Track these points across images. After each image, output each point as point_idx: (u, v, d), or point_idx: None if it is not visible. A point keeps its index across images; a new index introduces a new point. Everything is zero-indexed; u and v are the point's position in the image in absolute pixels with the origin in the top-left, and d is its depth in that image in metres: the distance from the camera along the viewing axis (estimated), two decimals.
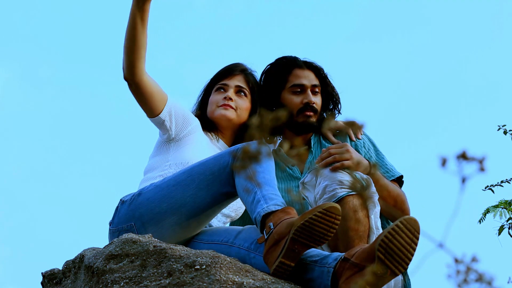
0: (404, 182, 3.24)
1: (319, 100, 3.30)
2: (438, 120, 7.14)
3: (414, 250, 2.36)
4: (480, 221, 3.21)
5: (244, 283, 2.30)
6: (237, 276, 2.34)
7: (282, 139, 3.34)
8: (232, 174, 2.68)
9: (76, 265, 2.64)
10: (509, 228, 3.15)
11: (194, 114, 3.28)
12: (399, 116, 7.21)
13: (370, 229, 2.72)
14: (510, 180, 3.21)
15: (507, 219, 3.16)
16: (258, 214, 2.52)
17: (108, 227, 2.88)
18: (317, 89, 3.30)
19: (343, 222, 2.57)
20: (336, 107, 3.35)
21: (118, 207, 2.86)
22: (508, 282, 2.39)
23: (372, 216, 2.73)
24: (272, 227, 2.46)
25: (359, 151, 3.23)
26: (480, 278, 1.27)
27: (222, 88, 3.25)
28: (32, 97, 8.10)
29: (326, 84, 3.34)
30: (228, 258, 2.40)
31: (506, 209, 3.17)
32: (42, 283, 2.75)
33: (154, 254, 2.43)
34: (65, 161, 7.73)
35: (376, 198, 2.78)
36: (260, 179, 2.61)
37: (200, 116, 3.26)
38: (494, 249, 3.18)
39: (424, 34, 7.79)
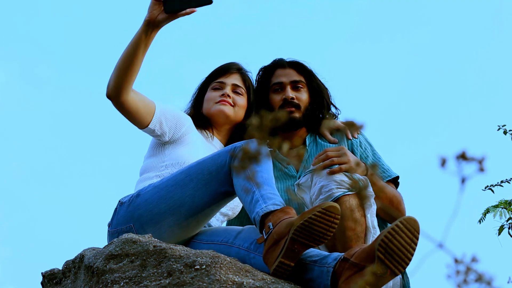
0: (400, 183, 3.24)
1: (303, 95, 3.31)
2: (438, 120, 7.14)
3: (414, 250, 2.36)
4: (480, 221, 3.21)
5: (244, 283, 2.30)
6: (237, 276, 2.33)
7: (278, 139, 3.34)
8: (230, 173, 2.68)
9: (76, 265, 2.64)
10: (509, 228, 3.15)
11: (187, 112, 3.28)
12: (399, 116, 7.21)
13: (367, 228, 2.72)
14: (510, 180, 3.21)
15: (507, 219, 3.16)
16: (257, 214, 2.51)
17: (107, 228, 2.88)
18: (299, 84, 3.32)
19: (341, 222, 2.57)
20: (325, 101, 3.35)
21: (116, 208, 2.86)
22: (508, 282, 2.39)
23: (369, 215, 2.73)
24: (271, 227, 2.45)
25: (355, 150, 3.23)
26: (480, 278, 1.27)
27: (219, 86, 3.25)
28: (31, 97, 8.10)
29: (311, 79, 3.35)
30: (228, 258, 2.40)
31: (506, 209, 3.16)
32: (42, 283, 2.75)
33: (154, 254, 2.43)
34: (64, 161, 7.73)
35: (372, 198, 2.78)
36: (259, 179, 2.60)
37: (194, 114, 3.25)
38: (494, 249, 3.18)
39: (424, 34, 7.79)
